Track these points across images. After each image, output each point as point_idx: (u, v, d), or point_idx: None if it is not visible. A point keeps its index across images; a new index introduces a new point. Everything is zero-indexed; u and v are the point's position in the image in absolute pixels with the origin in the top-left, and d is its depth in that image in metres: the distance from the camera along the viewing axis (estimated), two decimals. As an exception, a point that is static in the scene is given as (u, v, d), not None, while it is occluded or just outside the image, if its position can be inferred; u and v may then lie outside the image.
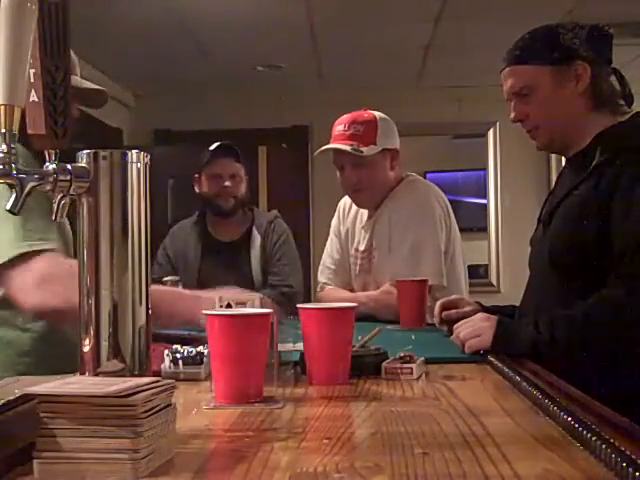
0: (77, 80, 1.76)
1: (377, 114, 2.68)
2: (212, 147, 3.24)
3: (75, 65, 1.78)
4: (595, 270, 1.65)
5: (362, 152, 2.59)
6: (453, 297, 2.10)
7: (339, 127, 2.66)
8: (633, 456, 0.78)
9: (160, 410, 0.82)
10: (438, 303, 2.06)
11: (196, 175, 3.29)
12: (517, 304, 1.98)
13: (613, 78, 1.82)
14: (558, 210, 1.78)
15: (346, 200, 2.85)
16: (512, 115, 1.86)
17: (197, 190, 3.30)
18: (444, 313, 2.01)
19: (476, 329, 1.63)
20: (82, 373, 1.01)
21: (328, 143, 2.69)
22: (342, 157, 2.65)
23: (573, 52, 1.77)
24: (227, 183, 3.19)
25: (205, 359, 1.37)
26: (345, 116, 2.68)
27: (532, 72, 1.80)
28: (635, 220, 1.59)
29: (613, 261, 1.61)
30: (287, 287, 3.07)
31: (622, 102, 1.81)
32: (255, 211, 3.37)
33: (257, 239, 3.21)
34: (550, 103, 1.81)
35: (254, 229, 3.24)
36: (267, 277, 3.15)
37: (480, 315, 1.72)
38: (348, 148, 2.60)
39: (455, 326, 1.74)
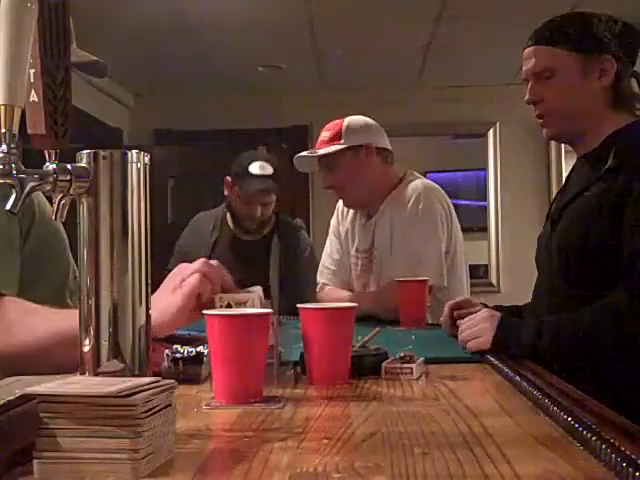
0: (75, 51, 1.68)
1: (350, 118, 2.66)
2: (250, 167, 3.15)
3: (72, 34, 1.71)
4: (603, 274, 1.63)
5: (316, 152, 2.62)
6: (460, 299, 2.04)
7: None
8: (633, 456, 0.78)
9: (160, 410, 0.82)
10: (447, 305, 2.01)
11: (228, 178, 3.24)
12: (517, 304, 1.97)
13: (633, 80, 1.79)
14: (567, 209, 1.75)
15: (344, 201, 2.87)
16: (526, 97, 1.81)
17: (225, 193, 3.27)
18: (456, 313, 1.93)
19: (476, 330, 1.62)
20: (82, 373, 1.01)
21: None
22: (316, 163, 2.69)
23: (604, 44, 1.73)
24: (257, 213, 3.17)
25: (205, 359, 1.37)
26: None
27: (558, 55, 1.75)
28: None
29: (621, 266, 1.59)
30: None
31: (639, 105, 1.77)
32: (280, 215, 3.36)
33: (277, 246, 3.21)
34: (570, 91, 1.76)
35: (275, 235, 3.24)
36: (283, 284, 3.14)
37: (483, 314, 1.68)
38: (304, 153, 2.66)
39: (459, 322, 1.72)
